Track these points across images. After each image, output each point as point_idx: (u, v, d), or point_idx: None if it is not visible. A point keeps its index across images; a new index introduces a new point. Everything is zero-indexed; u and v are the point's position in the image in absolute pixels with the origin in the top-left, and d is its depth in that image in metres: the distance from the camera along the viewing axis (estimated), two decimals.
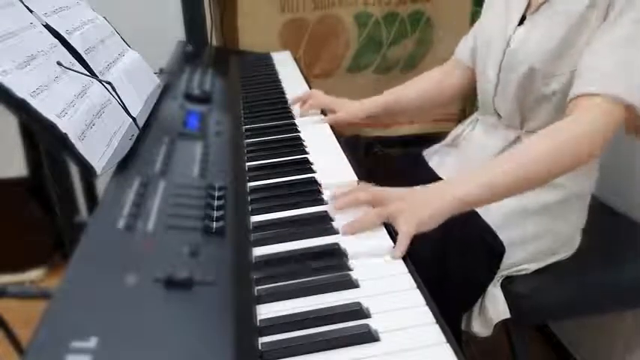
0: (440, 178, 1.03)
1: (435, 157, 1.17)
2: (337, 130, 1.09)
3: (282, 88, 1.31)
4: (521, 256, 0.95)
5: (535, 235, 0.95)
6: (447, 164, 1.11)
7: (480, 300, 0.95)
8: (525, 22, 0.94)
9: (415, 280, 0.63)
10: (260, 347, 0.54)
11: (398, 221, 0.72)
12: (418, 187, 0.78)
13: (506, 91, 0.97)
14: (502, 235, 0.93)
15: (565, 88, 0.87)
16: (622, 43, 0.81)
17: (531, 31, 0.92)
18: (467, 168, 1.03)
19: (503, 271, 0.95)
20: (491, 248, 0.93)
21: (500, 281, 0.95)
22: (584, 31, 0.85)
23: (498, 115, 1.02)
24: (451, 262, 0.89)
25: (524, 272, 0.96)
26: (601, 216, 1.15)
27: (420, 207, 0.73)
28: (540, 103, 0.93)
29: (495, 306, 0.93)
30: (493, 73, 1.00)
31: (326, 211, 0.78)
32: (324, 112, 1.17)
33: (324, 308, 0.59)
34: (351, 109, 1.16)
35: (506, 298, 0.93)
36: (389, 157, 0.90)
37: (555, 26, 0.88)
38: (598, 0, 0.83)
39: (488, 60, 1.01)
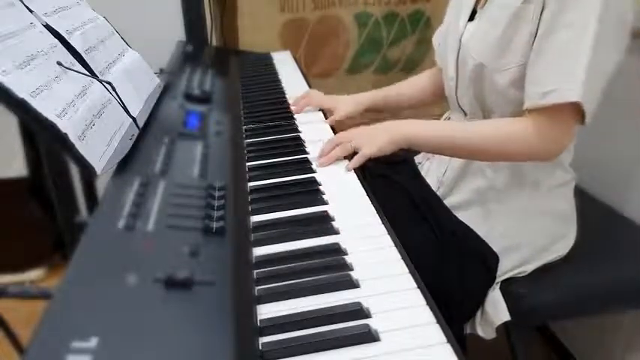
0: (428, 187, 1.04)
1: (426, 162, 1.13)
2: (338, 129, 1.09)
3: (282, 88, 1.31)
4: (517, 260, 0.95)
5: (527, 237, 0.95)
6: (432, 169, 1.09)
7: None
8: (475, 16, 0.95)
9: (415, 280, 0.63)
10: (260, 347, 0.54)
11: (360, 149, 0.92)
12: (376, 125, 0.96)
13: (465, 87, 0.97)
14: (494, 244, 0.93)
15: (516, 83, 0.87)
16: (558, 49, 0.81)
17: (478, 26, 0.93)
18: (449, 172, 1.02)
19: (501, 275, 0.95)
20: (484, 258, 0.93)
21: (499, 284, 0.95)
22: (522, 26, 0.85)
23: (464, 111, 1.01)
24: (448, 274, 0.89)
25: (522, 274, 0.96)
26: (600, 216, 1.15)
27: (375, 138, 0.92)
28: (497, 97, 0.92)
29: (496, 309, 0.93)
30: (452, 68, 1.00)
31: (326, 211, 0.78)
32: (325, 114, 1.16)
33: (324, 308, 0.59)
34: (347, 105, 1.16)
35: (505, 300, 0.93)
36: (383, 159, 0.93)
37: (496, 22, 0.88)
38: None
39: (447, 56, 1.01)
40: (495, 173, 0.95)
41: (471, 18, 0.96)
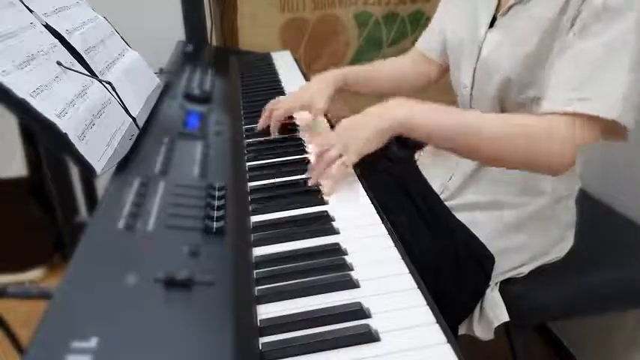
0: (428, 187, 1.03)
1: (427, 161, 1.11)
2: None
3: (282, 88, 1.31)
4: (514, 262, 0.95)
5: (526, 242, 0.95)
6: (437, 174, 1.06)
7: (479, 304, 0.95)
8: (496, 24, 0.90)
9: (415, 280, 0.63)
10: (260, 347, 0.54)
11: (347, 151, 0.81)
12: (365, 111, 0.83)
13: (483, 99, 0.94)
14: (493, 246, 0.93)
15: (543, 95, 0.82)
16: (591, 58, 0.75)
17: (503, 37, 0.88)
18: (455, 179, 1.01)
19: (500, 276, 0.95)
20: (479, 259, 0.93)
21: (498, 284, 0.95)
22: (557, 38, 0.80)
23: None
24: (445, 274, 0.89)
25: (520, 275, 0.96)
26: (599, 215, 1.15)
27: (358, 134, 0.81)
28: (518, 109, 0.89)
29: (494, 309, 0.93)
30: (468, 79, 0.96)
31: (326, 211, 0.78)
32: (329, 120, 1.11)
33: (324, 308, 0.59)
34: (319, 96, 1.02)
35: (504, 300, 0.93)
36: (383, 155, 0.90)
37: (527, 33, 0.83)
38: (568, 7, 0.78)
39: (462, 65, 0.97)
40: (506, 183, 0.93)
41: (491, 24, 0.91)
